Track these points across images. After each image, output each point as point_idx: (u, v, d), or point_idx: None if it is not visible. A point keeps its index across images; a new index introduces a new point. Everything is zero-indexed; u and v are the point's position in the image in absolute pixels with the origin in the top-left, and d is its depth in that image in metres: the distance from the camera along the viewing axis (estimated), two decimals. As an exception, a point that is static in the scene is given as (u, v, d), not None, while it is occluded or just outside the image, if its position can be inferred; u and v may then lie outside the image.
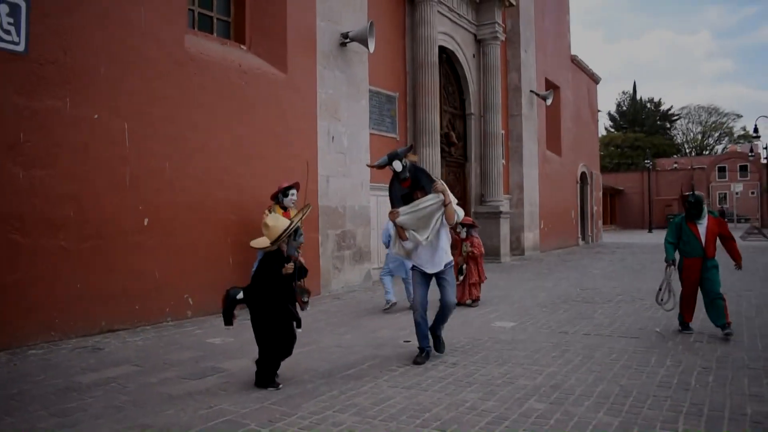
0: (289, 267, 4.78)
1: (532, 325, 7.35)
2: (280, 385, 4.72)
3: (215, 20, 9.39)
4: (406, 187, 5.52)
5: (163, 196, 7.56)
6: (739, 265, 6.77)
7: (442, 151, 15.00)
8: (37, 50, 6.25)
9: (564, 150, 24.11)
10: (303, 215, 4.96)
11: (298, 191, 8.37)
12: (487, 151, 17.09)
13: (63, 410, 4.19)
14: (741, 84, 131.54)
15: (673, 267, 6.83)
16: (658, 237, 35.76)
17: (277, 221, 4.79)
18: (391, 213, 5.52)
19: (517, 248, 18.75)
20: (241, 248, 8.51)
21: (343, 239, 10.80)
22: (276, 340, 4.73)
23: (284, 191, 8.25)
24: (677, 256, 6.85)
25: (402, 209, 5.42)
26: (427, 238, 5.40)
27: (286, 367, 4.89)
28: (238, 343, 6.29)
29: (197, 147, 8.02)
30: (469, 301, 8.81)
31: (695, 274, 6.65)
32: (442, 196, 5.36)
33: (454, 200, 5.55)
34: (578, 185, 26.21)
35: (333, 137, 10.52)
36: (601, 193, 31.10)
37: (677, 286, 6.84)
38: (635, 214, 56.49)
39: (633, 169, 64.26)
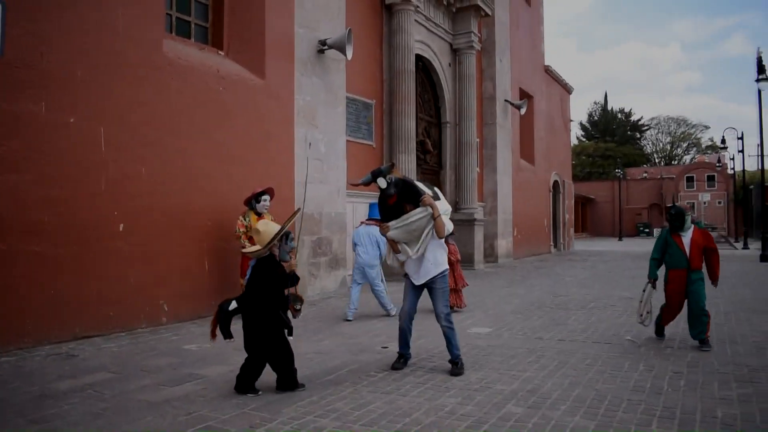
0: (293, 263, 4.81)
1: (507, 331, 7.44)
2: (260, 392, 4.72)
3: (193, 25, 9.36)
4: (393, 203, 5.53)
5: (139, 202, 7.49)
6: (714, 283, 6.72)
7: (418, 158, 15.11)
8: (13, 53, 6.16)
9: (537, 159, 24.44)
10: (291, 219, 4.97)
11: (271, 197, 8.38)
12: (461, 159, 17.25)
13: (41, 417, 4.14)
14: (709, 96, 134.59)
15: (653, 288, 6.83)
16: (629, 245, 36.42)
17: (268, 226, 4.84)
18: (381, 227, 5.51)
19: (490, 255, 18.91)
20: (218, 254, 8.48)
21: (319, 246, 10.81)
22: (264, 347, 4.73)
23: (257, 197, 8.25)
24: (662, 270, 6.82)
25: (392, 223, 5.40)
26: (417, 251, 5.40)
27: (266, 372, 4.86)
28: (215, 349, 6.25)
29: (174, 152, 7.97)
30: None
31: (680, 286, 6.59)
32: (430, 209, 5.35)
33: (446, 208, 5.58)
34: (551, 193, 26.57)
35: (310, 144, 10.53)
36: (573, 202, 31.58)
37: (656, 302, 6.92)
38: (606, 222, 57.58)
39: (604, 178, 65.51)
